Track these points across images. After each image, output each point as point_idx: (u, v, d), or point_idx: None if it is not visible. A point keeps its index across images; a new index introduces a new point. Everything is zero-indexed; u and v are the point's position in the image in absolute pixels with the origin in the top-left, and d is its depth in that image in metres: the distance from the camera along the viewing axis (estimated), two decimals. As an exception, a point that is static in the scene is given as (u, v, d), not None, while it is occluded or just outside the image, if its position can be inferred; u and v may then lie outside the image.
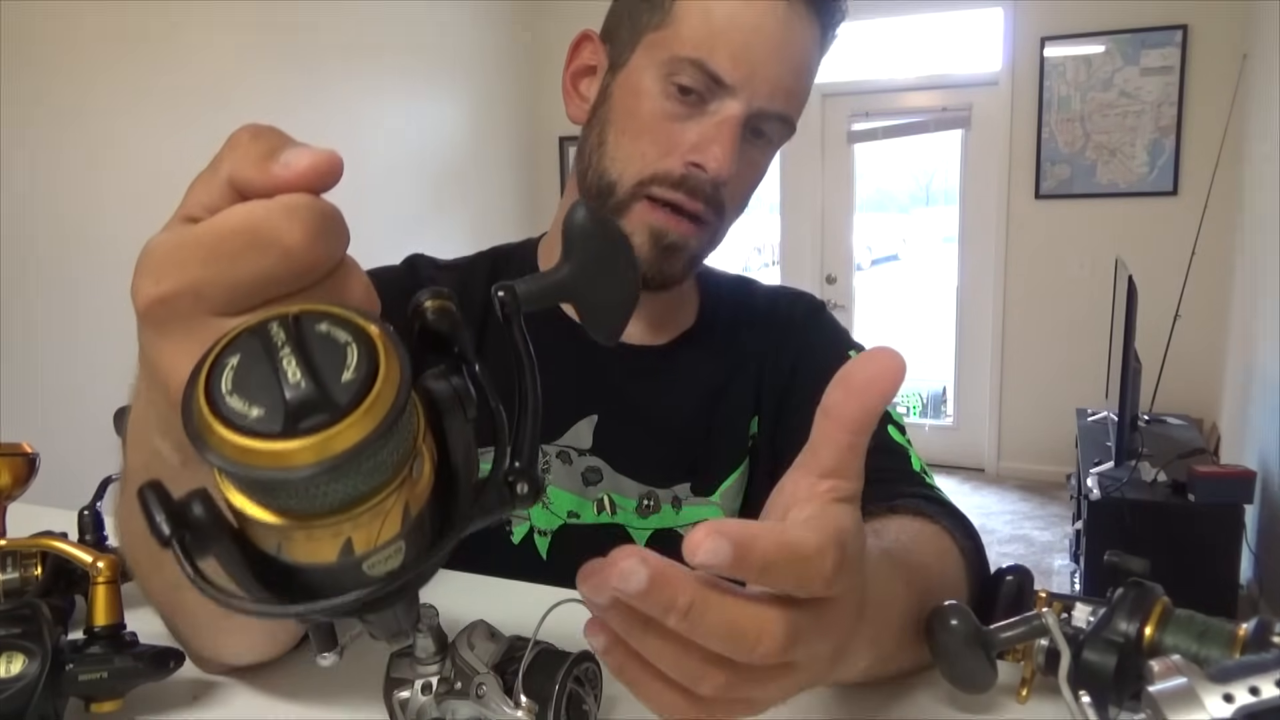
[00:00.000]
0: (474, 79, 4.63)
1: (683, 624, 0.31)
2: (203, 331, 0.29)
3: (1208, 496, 2.66)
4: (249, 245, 0.29)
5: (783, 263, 5.08)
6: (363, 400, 0.24)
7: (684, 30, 0.72)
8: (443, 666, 0.48)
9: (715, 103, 0.72)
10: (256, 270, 0.29)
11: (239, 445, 0.24)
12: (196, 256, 0.29)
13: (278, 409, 0.24)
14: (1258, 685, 0.33)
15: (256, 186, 0.30)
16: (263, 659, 0.58)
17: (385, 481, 0.26)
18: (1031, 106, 4.29)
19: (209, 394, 0.24)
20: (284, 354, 0.24)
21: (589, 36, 0.81)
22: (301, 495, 0.25)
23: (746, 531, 0.30)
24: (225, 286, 0.29)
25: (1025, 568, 0.65)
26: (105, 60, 2.80)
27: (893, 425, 0.81)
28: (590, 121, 0.79)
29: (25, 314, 2.59)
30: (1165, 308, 3.44)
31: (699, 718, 0.34)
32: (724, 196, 0.75)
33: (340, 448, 0.24)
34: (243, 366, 0.25)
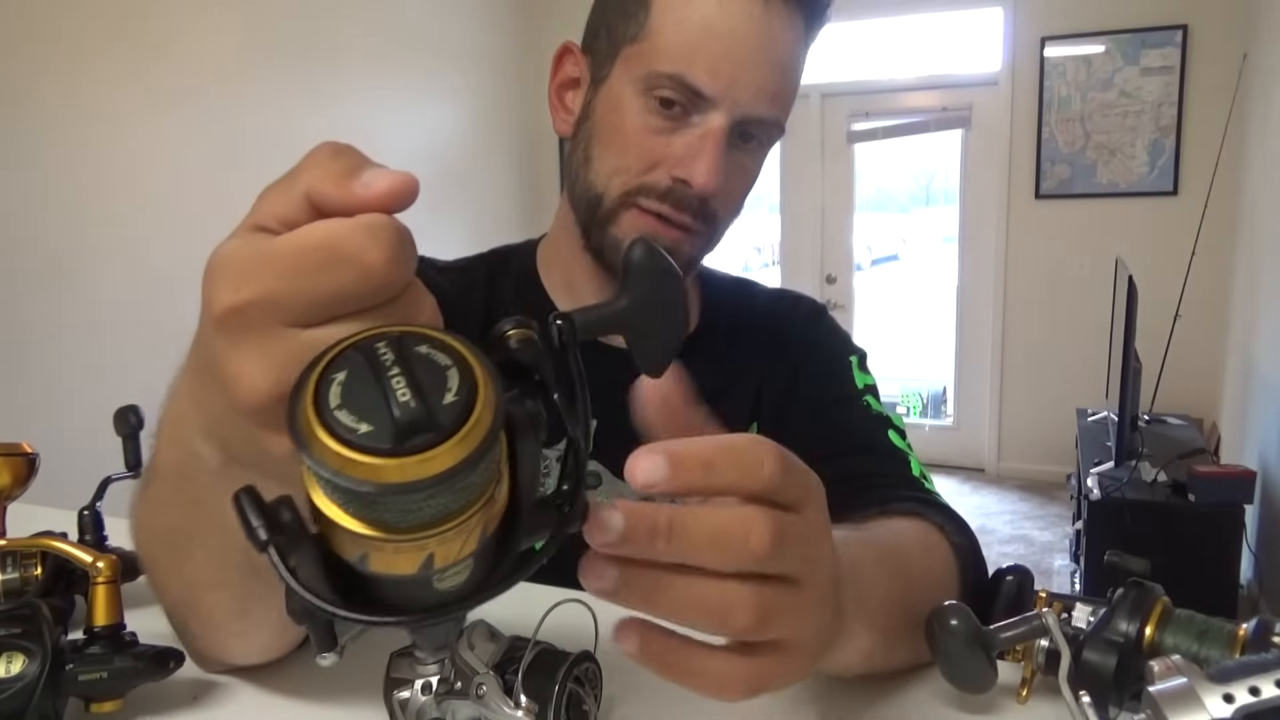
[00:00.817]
0: (474, 79, 4.63)
1: (672, 545, 0.31)
2: (275, 342, 0.30)
3: (1208, 496, 2.66)
4: (330, 261, 0.29)
5: (783, 263, 5.08)
6: (465, 423, 0.26)
7: (660, 43, 0.70)
8: (443, 666, 0.48)
9: (698, 114, 0.71)
10: (335, 285, 0.30)
11: (347, 459, 0.25)
12: (276, 268, 0.30)
13: (387, 427, 0.25)
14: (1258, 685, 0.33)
15: (335, 203, 0.31)
16: (268, 659, 0.58)
17: (472, 501, 0.27)
18: (1031, 106, 4.29)
19: (316, 406, 0.25)
20: (393, 374, 0.26)
21: (570, 49, 0.80)
22: (398, 510, 0.26)
23: (677, 440, 0.32)
24: (303, 299, 0.30)
25: (1025, 568, 0.65)
26: (98, 59, 2.80)
27: (893, 429, 0.81)
28: (576, 136, 0.78)
29: (24, 314, 2.59)
30: (1165, 308, 3.44)
31: (758, 676, 0.34)
32: (714, 206, 0.74)
33: (442, 468, 0.25)
34: (351, 383, 0.26)
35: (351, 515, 0.26)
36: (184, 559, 0.48)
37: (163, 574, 0.51)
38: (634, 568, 0.32)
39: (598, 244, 0.76)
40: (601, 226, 0.75)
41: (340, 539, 0.27)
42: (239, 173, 3.29)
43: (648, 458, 0.30)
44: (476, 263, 0.88)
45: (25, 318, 2.59)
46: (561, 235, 0.83)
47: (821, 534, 0.37)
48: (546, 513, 0.31)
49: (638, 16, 0.72)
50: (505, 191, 4.89)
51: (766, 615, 0.34)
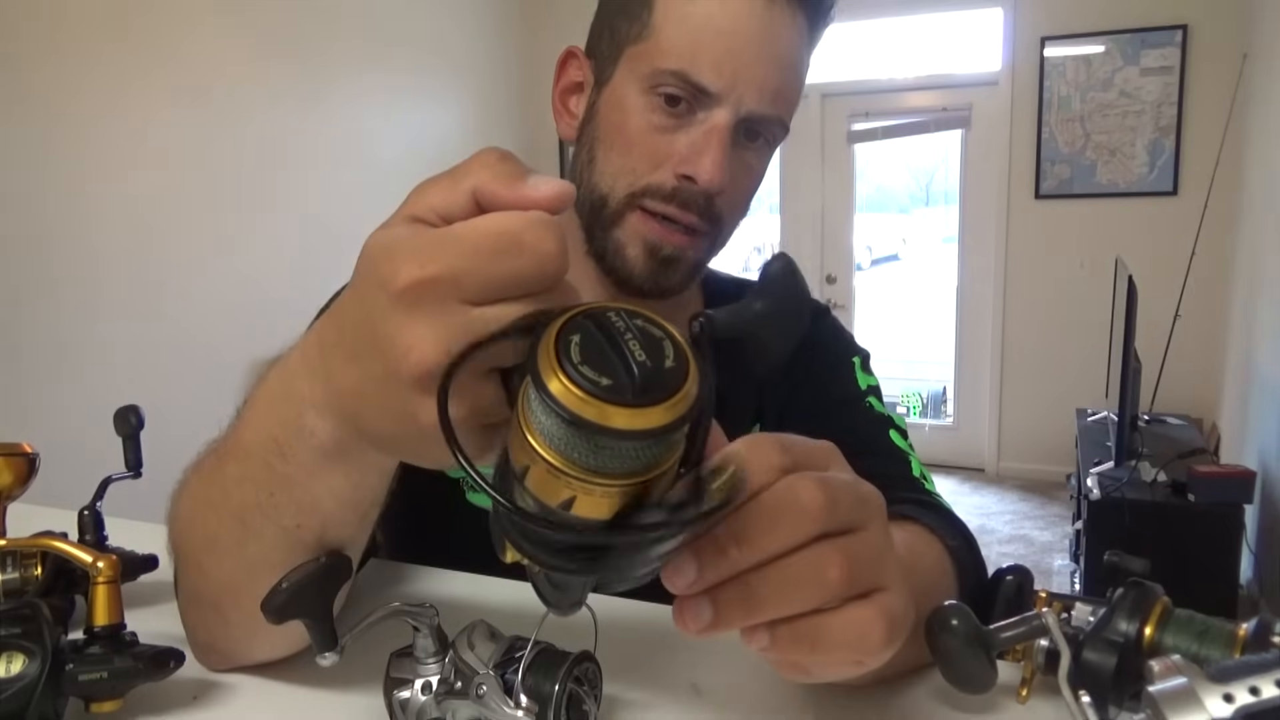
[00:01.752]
0: (474, 80, 4.63)
1: (743, 550, 0.34)
2: (450, 316, 0.34)
3: (1208, 496, 2.66)
4: (512, 246, 0.34)
5: (783, 263, 5.08)
6: (683, 385, 0.30)
7: (663, 41, 0.70)
8: (443, 666, 0.48)
9: (702, 111, 0.71)
10: (513, 269, 0.34)
11: (594, 405, 0.29)
12: (462, 249, 0.34)
13: (626, 382, 0.29)
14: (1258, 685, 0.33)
15: (504, 202, 0.35)
16: (284, 655, 0.58)
17: (670, 455, 0.31)
18: (1031, 106, 4.29)
19: (559, 361, 0.29)
20: (628, 338, 0.30)
21: (574, 53, 0.80)
22: (620, 455, 0.30)
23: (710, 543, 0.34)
24: (483, 278, 0.34)
25: (1025, 568, 0.65)
26: (95, 58, 2.79)
27: (894, 430, 0.81)
28: (580, 139, 0.78)
29: (24, 313, 2.59)
30: (1165, 308, 3.44)
31: (884, 614, 0.36)
32: (719, 205, 0.74)
33: (668, 419, 0.29)
34: (588, 342, 0.30)
35: (573, 461, 0.30)
36: (252, 538, 0.49)
37: (215, 557, 0.52)
38: (721, 589, 0.34)
39: (600, 248, 0.76)
40: (605, 229, 0.75)
41: (553, 485, 0.30)
42: (241, 173, 3.29)
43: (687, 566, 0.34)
44: None
45: (26, 317, 2.59)
46: (566, 235, 0.83)
47: (886, 547, 0.38)
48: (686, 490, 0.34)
49: (641, 16, 0.72)
50: (505, 191, 4.89)
51: (853, 560, 0.35)
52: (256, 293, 3.32)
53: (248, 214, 3.32)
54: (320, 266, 3.50)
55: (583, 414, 0.29)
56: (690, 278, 0.78)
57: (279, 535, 0.48)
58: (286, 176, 3.49)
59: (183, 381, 3.04)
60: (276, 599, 0.42)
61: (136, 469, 0.69)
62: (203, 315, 3.13)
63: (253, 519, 0.48)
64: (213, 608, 0.55)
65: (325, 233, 3.63)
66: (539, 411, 0.30)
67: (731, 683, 0.58)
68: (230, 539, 0.50)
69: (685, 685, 0.57)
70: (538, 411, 0.30)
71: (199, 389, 3.09)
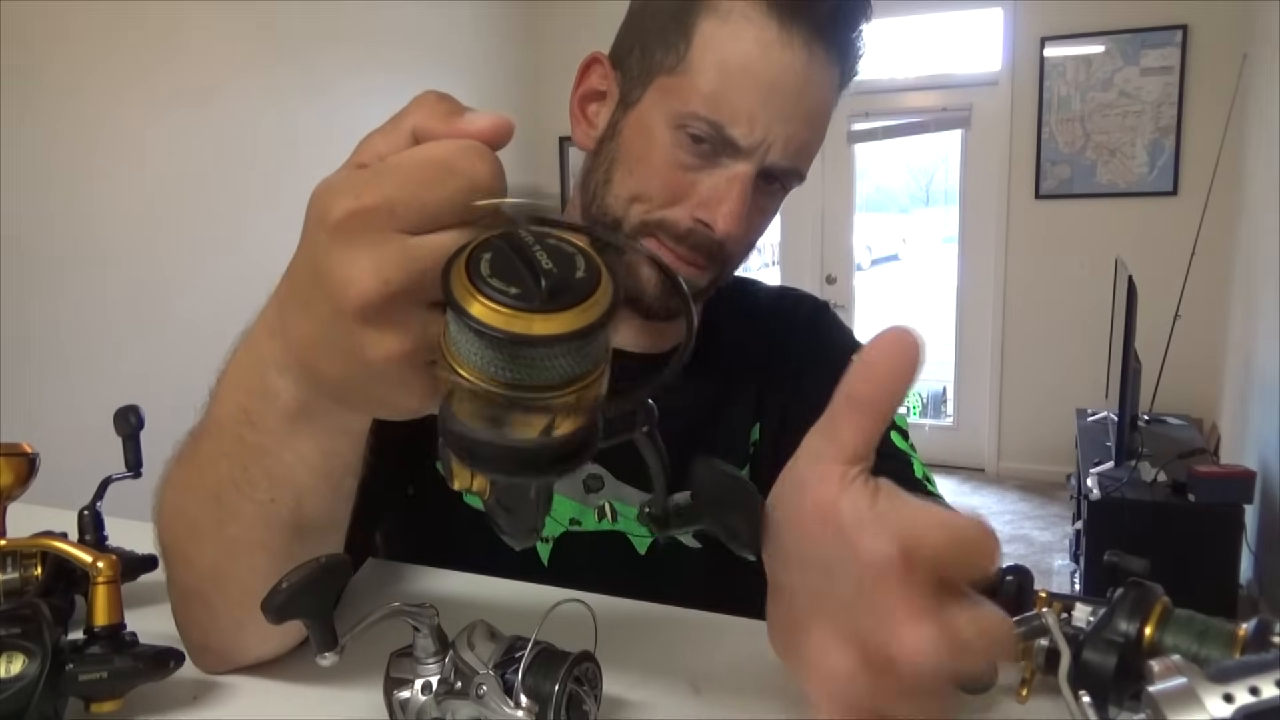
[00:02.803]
0: (474, 79, 4.63)
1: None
2: (387, 246, 0.34)
3: (1208, 496, 2.66)
4: (444, 173, 0.34)
5: (783, 263, 5.08)
6: (594, 292, 0.31)
7: (699, 81, 0.69)
8: (443, 666, 0.48)
9: (727, 158, 0.70)
10: (445, 195, 0.34)
11: (503, 314, 0.29)
12: (395, 179, 0.34)
13: (534, 289, 0.30)
14: (1258, 685, 0.33)
15: (440, 134, 0.36)
16: (276, 652, 0.58)
17: (590, 370, 0.32)
18: (1031, 106, 4.29)
19: (469, 276, 0.30)
20: (536, 250, 0.31)
21: (599, 60, 0.78)
22: (537, 365, 0.30)
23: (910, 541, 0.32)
24: (416, 205, 0.34)
25: (1025, 568, 0.65)
26: (100, 58, 2.80)
27: (895, 431, 0.81)
28: (598, 152, 0.77)
29: (24, 314, 2.59)
30: (1165, 308, 3.44)
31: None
32: (730, 248, 0.74)
33: (583, 323, 0.30)
34: (498, 258, 0.31)
35: (493, 376, 0.30)
36: (229, 517, 0.49)
37: (197, 543, 0.52)
38: None
39: (612, 266, 0.76)
40: (618, 249, 0.75)
41: (477, 406, 0.32)
42: (242, 173, 3.29)
43: (918, 632, 0.31)
44: None
45: (26, 317, 2.59)
46: None
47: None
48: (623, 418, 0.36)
49: (677, 48, 0.70)
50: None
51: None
52: (257, 293, 3.30)
53: (249, 214, 3.32)
54: (320, 266, 3.49)
55: (493, 323, 0.29)
56: (697, 301, 0.79)
57: (256, 511, 0.48)
58: (288, 177, 3.49)
59: (183, 382, 3.03)
60: (276, 599, 0.42)
61: (136, 469, 0.69)
62: (204, 315, 3.13)
63: (229, 496, 0.48)
64: (199, 599, 0.54)
65: (325, 233, 3.63)
66: (456, 331, 0.31)
67: (731, 683, 0.58)
68: (209, 520, 0.50)
69: (685, 685, 0.57)
70: (455, 332, 0.31)
71: (199, 389, 3.08)
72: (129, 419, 0.69)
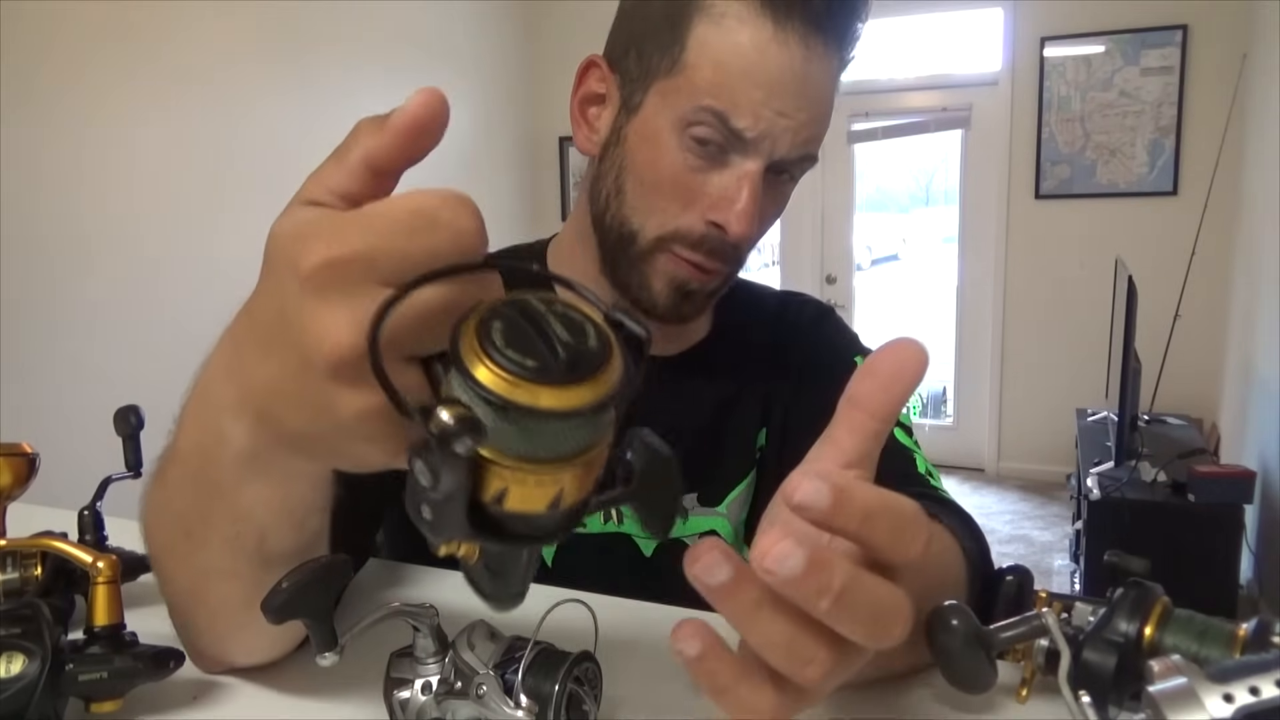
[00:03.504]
0: (474, 79, 4.63)
1: (833, 609, 0.30)
2: (363, 298, 0.32)
3: (1208, 496, 2.66)
4: (428, 223, 0.32)
5: (783, 263, 5.08)
6: (607, 364, 0.30)
7: (698, 80, 0.68)
8: (443, 666, 0.48)
9: (734, 155, 0.70)
10: (429, 245, 0.32)
11: (519, 386, 0.28)
12: (375, 228, 0.33)
13: (552, 362, 0.29)
14: (1258, 685, 0.33)
15: (385, 146, 0.35)
16: (267, 659, 0.58)
17: (601, 439, 0.32)
18: (1031, 106, 4.29)
19: (482, 345, 0.29)
20: (549, 321, 0.30)
21: (595, 62, 0.77)
22: (549, 438, 0.30)
23: (844, 478, 0.31)
24: (398, 257, 0.32)
25: (1025, 568, 0.65)
26: (100, 58, 2.80)
27: (899, 428, 0.81)
28: (604, 159, 0.76)
29: (25, 314, 2.59)
30: (1165, 308, 3.44)
31: (786, 715, 0.33)
32: (744, 246, 0.74)
33: (596, 397, 0.29)
34: (510, 328, 0.30)
35: (501, 449, 0.29)
36: (197, 546, 0.48)
37: (173, 562, 0.51)
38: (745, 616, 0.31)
39: (625, 279, 0.76)
40: (633, 264, 0.75)
41: (484, 477, 0.30)
42: (239, 172, 3.29)
43: (813, 482, 0.30)
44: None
45: (26, 317, 2.59)
46: (576, 245, 0.82)
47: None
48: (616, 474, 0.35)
49: (672, 50, 0.70)
50: (505, 191, 4.89)
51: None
52: (256, 293, 3.31)
53: (248, 214, 3.32)
54: (320, 266, 3.50)
55: (512, 397, 0.28)
56: (709, 303, 0.79)
57: (222, 544, 0.46)
58: (287, 176, 3.48)
59: (183, 382, 3.03)
60: (276, 599, 0.41)
61: (136, 469, 0.69)
62: (204, 315, 3.13)
63: (194, 527, 0.47)
64: (182, 613, 0.54)
65: (325, 233, 3.63)
66: (461, 396, 0.29)
67: (731, 683, 0.57)
68: (180, 547, 0.49)
69: (685, 685, 0.57)
70: (460, 397, 0.29)
71: (199, 389, 3.09)
72: (129, 419, 0.69)
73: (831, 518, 0.30)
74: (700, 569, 0.31)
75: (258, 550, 0.46)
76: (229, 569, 0.48)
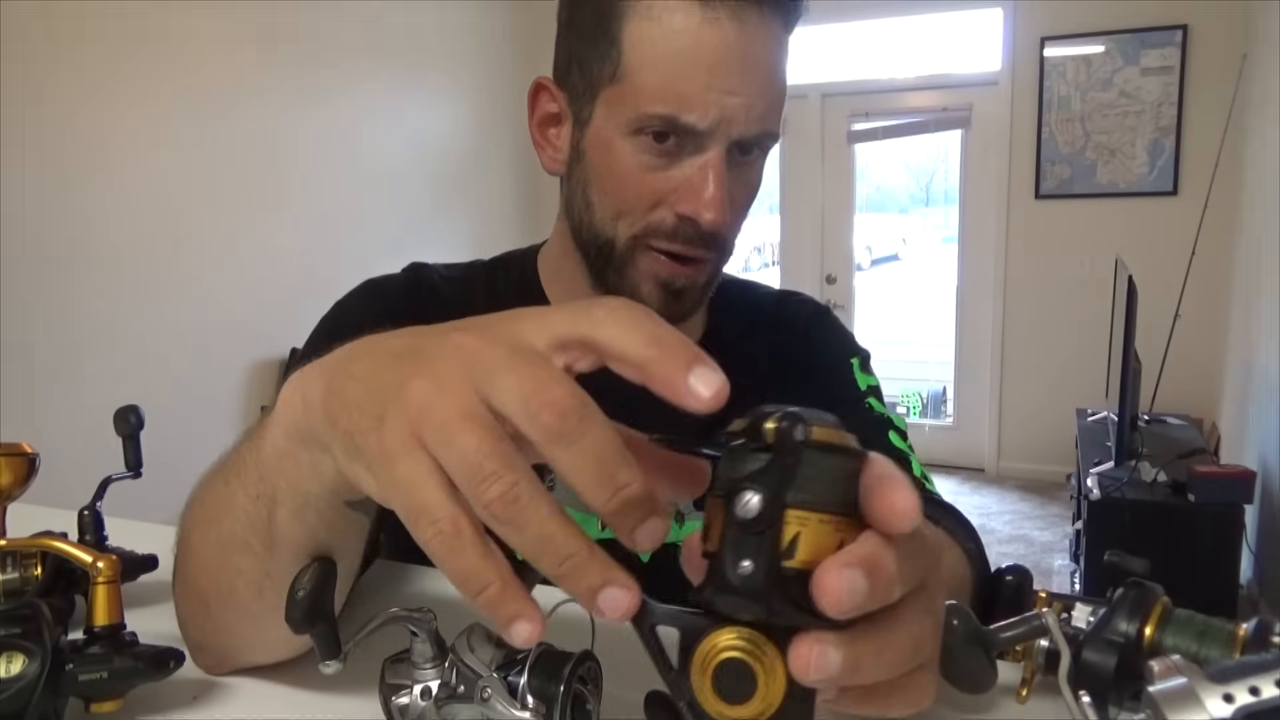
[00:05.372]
0: (474, 79, 4.63)
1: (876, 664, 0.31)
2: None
3: (1208, 496, 2.66)
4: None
5: (783, 263, 5.09)
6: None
7: (640, 82, 0.68)
8: (441, 670, 0.48)
9: (692, 146, 0.69)
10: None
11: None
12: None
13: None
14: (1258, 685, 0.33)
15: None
16: (266, 662, 0.58)
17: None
18: (1031, 106, 4.29)
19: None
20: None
21: (543, 85, 0.77)
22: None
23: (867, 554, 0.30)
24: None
25: (1025, 568, 0.65)
26: (105, 61, 2.80)
27: (894, 431, 0.81)
28: (571, 176, 0.76)
29: (25, 314, 2.59)
30: (1165, 308, 3.44)
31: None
32: (723, 232, 0.73)
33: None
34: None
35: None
36: (226, 508, 0.49)
37: (200, 533, 0.52)
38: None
39: (614, 287, 0.76)
40: (618, 271, 0.75)
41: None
42: (241, 174, 3.29)
43: (849, 576, 0.29)
44: (476, 271, 0.87)
45: (27, 318, 2.59)
46: (563, 259, 0.82)
47: (941, 598, 0.37)
48: None
49: (610, 55, 0.69)
50: (505, 192, 4.89)
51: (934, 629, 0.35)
52: (257, 293, 3.32)
53: (248, 215, 3.32)
54: (320, 267, 3.50)
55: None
56: (702, 299, 0.79)
57: (247, 503, 0.48)
58: (287, 177, 3.49)
59: (183, 381, 3.04)
60: (297, 610, 0.41)
61: (136, 469, 0.69)
62: (204, 316, 3.13)
63: (233, 482, 0.49)
64: (197, 595, 0.54)
65: (326, 233, 3.63)
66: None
67: (732, 683, 0.57)
68: (214, 504, 0.51)
69: (685, 685, 0.57)
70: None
71: (199, 389, 3.09)
72: (129, 419, 0.69)
73: (871, 602, 0.30)
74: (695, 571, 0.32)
75: (267, 530, 0.47)
76: (244, 540, 0.48)
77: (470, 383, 0.33)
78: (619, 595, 0.32)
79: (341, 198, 3.74)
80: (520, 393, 0.32)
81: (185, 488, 0.55)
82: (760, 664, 0.30)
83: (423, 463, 0.33)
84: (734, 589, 0.29)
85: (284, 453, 0.44)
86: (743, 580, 0.29)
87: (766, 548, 0.29)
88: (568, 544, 0.32)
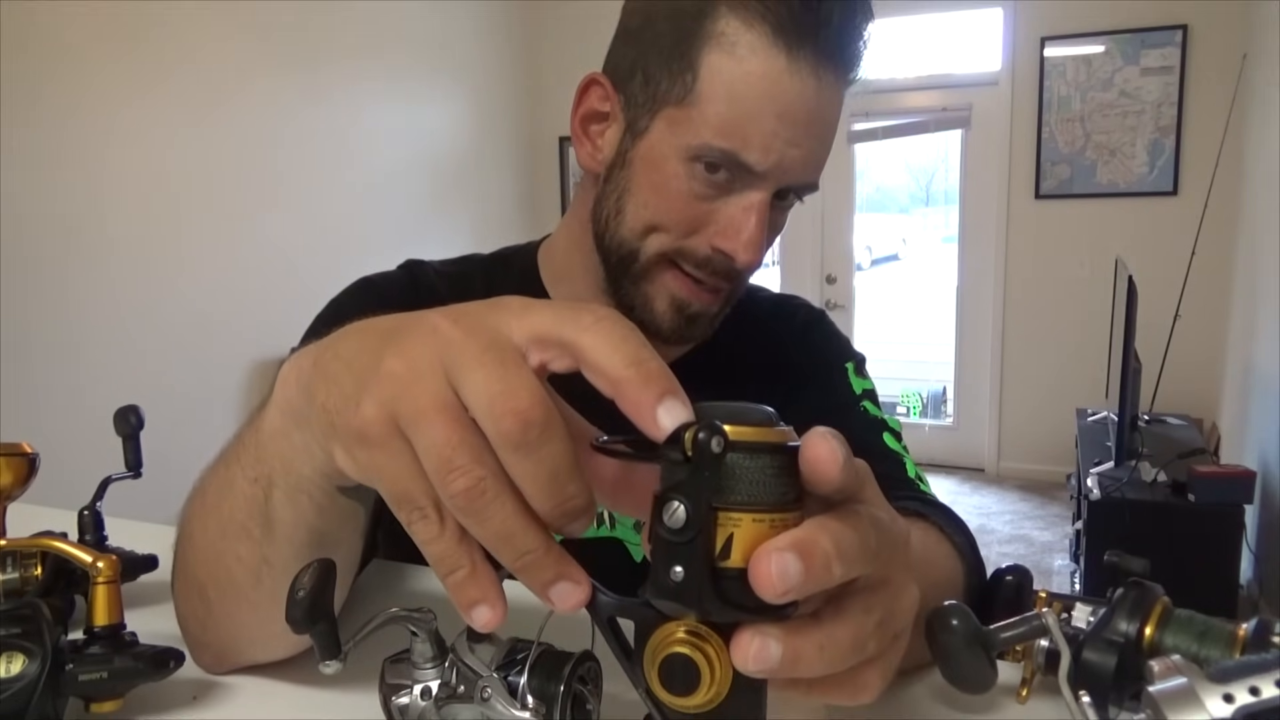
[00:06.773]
0: (474, 79, 4.63)
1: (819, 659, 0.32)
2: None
3: (1208, 496, 2.66)
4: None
5: (783, 263, 5.08)
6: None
7: (709, 113, 0.68)
8: (441, 670, 0.48)
9: (742, 183, 0.70)
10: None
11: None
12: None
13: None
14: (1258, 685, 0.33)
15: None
16: (265, 660, 0.58)
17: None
18: (1031, 106, 4.29)
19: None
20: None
21: (597, 81, 0.76)
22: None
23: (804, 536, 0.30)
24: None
25: (1025, 568, 0.65)
26: (104, 60, 2.80)
27: (888, 433, 0.81)
28: (609, 180, 0.75)
29: (25, 314, 2.59)
30: (1165, 308, 3.44)
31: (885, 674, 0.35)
32: (748, 270, 0.75)
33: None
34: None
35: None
36: (226, 493, 0.49)
37: (199, 524, 0.52)
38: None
39: (628, 299, 0.76)
40: (635, 282, 0.75)
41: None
42: (242, 173, 3.29)
43: (779, 559, 0.29)
44: (473, 266, 0.87)
45: (27, 318, 2.59)
46: (571, 256, 0.81)
47: (907, 594, 0.36)
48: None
49: (684, 78, 0.69)
50: (505, 191, 4.89)
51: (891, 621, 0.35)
52: (257, 293, 3.32)
53: (248, 214, 3.32)
54: (321, 266, 3.50)
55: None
56: (712, 327, 0.79)
57: (246, 486, 0.48)
58: (287, 177, 3.49)
59: (183, 381, 3.04)
60: (298, 609, 0.41)
61: (136, 469, 0.69)
62: (203, 315, 3.13)
63: (233, 465, 0.49)
64: (197, 588, 0.54)
65: (326, 233, 3.64)
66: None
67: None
68: (216, 490, 0.51)
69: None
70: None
71: (199, 389, 3.09)
72: (129, 419, 0.69)
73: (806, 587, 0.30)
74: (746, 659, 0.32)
75: (264, 513, 0.47)
76: (242, 525, 0.49)
77: (443, 370, 0.34)
78: (569, 589, 0.33)
79: (342, 197, 3.74)
80: (488, 393, 0.32)
81: (185, 488, 0.55)
82: (704, 657, 0.31)
83: (402, 450, 0.34)
84: (669, 592, 0.30)
85: (279, 432, 0.45)
86: (675, 585, 0.30)
87: (697, 553, 0.30)
88: (526, 540, 0.33)
